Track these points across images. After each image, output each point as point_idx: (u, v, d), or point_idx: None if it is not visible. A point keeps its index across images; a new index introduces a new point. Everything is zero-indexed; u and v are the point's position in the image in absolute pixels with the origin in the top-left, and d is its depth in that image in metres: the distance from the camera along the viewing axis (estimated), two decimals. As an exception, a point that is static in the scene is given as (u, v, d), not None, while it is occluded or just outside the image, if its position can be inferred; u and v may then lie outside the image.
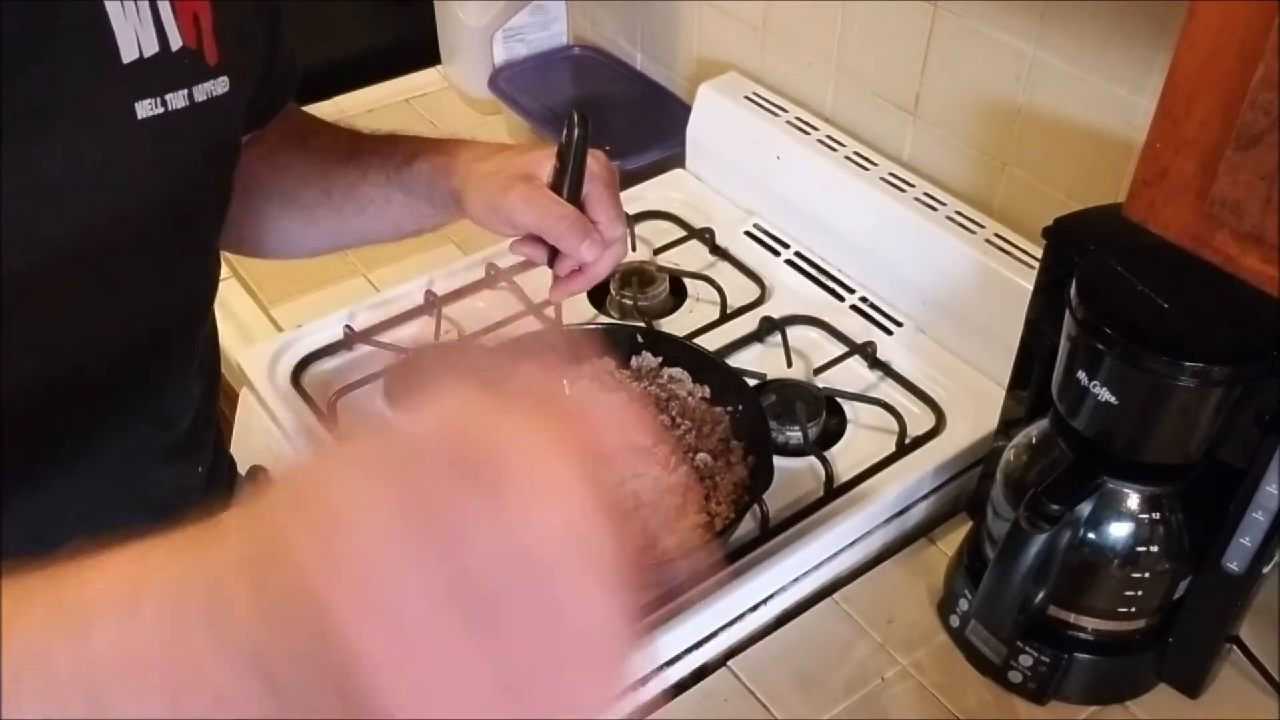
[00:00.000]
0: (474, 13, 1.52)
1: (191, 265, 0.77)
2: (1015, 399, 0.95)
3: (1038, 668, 0.89)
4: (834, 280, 1.23)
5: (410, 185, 0.88)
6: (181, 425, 0.80)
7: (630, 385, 1.03)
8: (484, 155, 0.86)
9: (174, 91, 0.65)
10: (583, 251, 0.83)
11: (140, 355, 0.73)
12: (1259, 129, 0.55)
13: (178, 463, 0.81)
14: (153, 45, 0.63)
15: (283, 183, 0.84)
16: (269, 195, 0.88)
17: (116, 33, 0.61)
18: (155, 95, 0.64)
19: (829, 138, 1.25)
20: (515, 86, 1.51)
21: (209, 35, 0.67)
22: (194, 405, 0.81)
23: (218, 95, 0.68)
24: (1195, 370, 0.74)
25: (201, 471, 0.84)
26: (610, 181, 0.85)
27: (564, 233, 0.82)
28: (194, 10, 0.65)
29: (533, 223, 0.82)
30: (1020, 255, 1.07)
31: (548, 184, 0.83)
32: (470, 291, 1.22)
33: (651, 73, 1.54)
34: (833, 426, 1.08)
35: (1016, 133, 1.10)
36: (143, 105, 0.63)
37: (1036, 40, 1.04)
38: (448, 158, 0.86)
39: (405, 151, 0.88)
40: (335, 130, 0.93)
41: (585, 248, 0.82)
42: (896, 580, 1.00)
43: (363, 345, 1.15)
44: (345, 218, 0.91)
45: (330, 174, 0.89)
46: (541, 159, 0.84)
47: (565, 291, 0.88)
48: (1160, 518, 0.83)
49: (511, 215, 0.82)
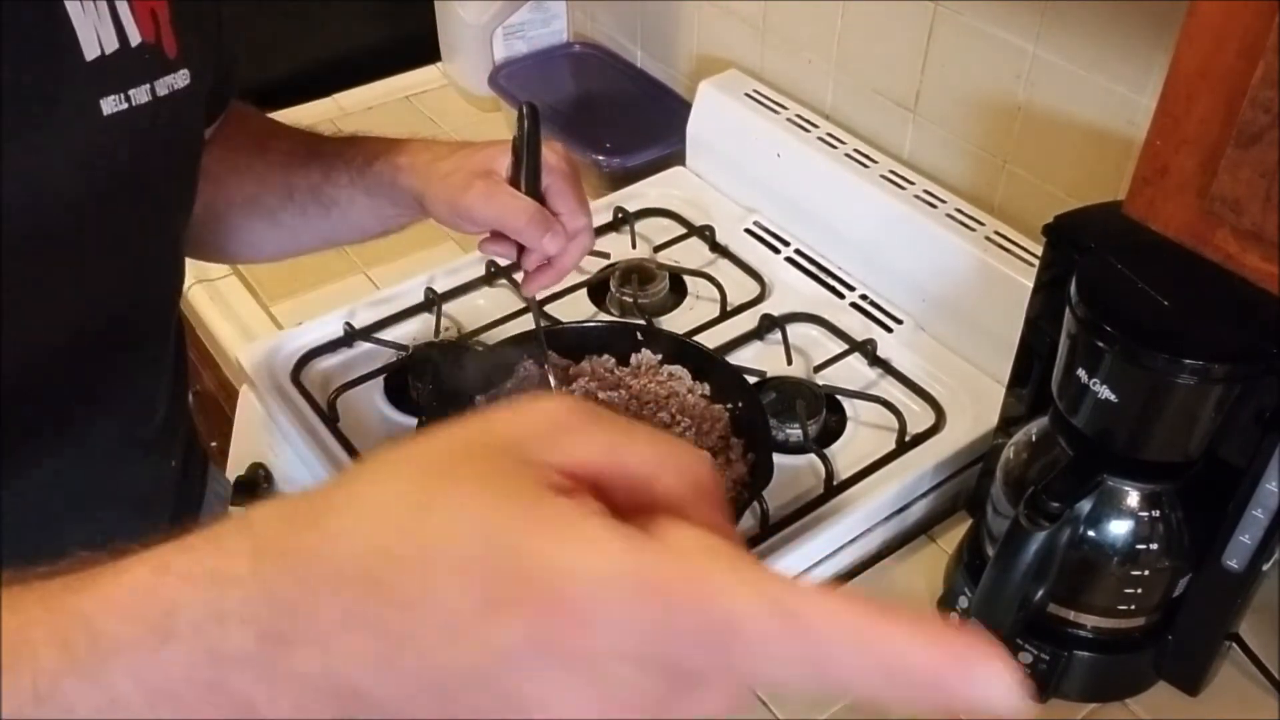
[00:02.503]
0: (474, 10, 1.52)
1: (160, 258, 0.77)
2: (1015, 396, 0.95)
3: (1037, 665, 0.89)
4: (834, 278, 1.23)
5: (373, 186, 0.88)
6: (154, 420, 0.80)
7: (629, 383, 1.03)
8: (443, 155, 0.86)
9: (136, 87, 0.65)
10: (545, 244, 0.82)
11: (113, 350, 0.73)
12: (1259, 126, 0.55)
13: (152, 457, 0.82)
14: (113, 42, 0.63)
15: (244, 186, 0.84)
16: (230, 199, 0.88)
17: (78, 31, 0.61)
18: (119, 91, 0.64)
19: (829, 135, 1.25)
20: (515, 84, 1.51)
21: (167, 29, 0.67)
22: (166, 399, 0.81)
23: (179, 89, 0.68)
24: (1195, 368, 0.74)
25: (175, 466, 0.85)
26: (569, 172, 0.85)
27: (525, 227, 0.82)
28: (151, 6, 0.66)
29: (493, 218, 0.82)
30: (1020, 253, 1.07)
31: (506, 179, 0.83)
32: (471, 289, 1.22)
33: (651, 70, 1.53)
34: (833, 424, 1.08)
35: (1017, 130, 1.10)
36: (107, 102, 0.63)
37: (1037, 38, 1.04)
38: (408, 158, 0.86)
39: (366, 153, 0.88)
40: (295, 133, 0.93)
41: (548, 240, 0.82)
42: (896, 578, 1.00)
43: (363, 343, 1.15)
44: (308, 219, 0.91)
45: (292, 176, 0.89)
46: (498, 154, 0.83)
47: (536, 286, 0.88)
48: (1160, 515, 0.83)
49: (472, 212, 0.82)
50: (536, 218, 0.82)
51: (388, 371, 1.12)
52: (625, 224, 1.31)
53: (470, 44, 1.55)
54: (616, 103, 1.50)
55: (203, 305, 1.26)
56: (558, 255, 0.84)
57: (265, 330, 1.22)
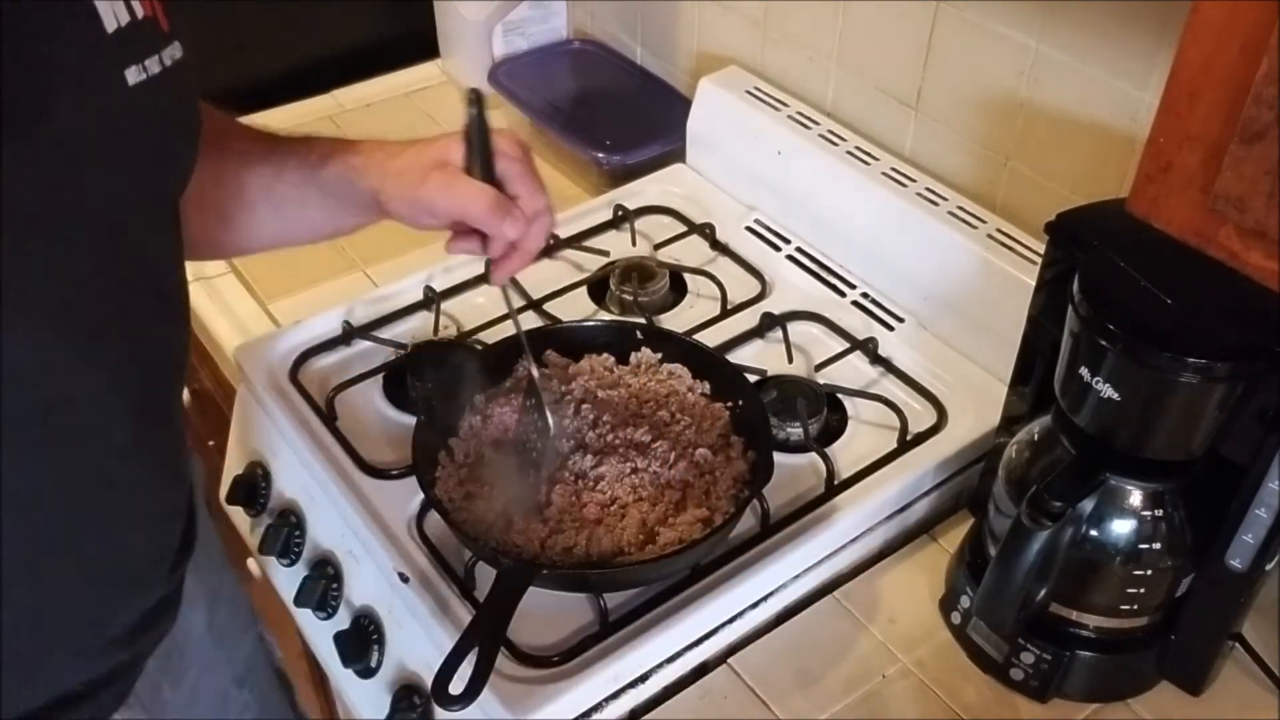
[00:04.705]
0: (474, 6, 1.52)
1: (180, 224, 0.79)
2: (1017, 395, 0.95)
3: (1039, 665, 0.89)
4: (835, 276, 1.23)
5: (328, 186, 0.88)
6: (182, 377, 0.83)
7: (629, 381, 1.02)
8: (396, 152, 0.86)
9: (150, 58, 0.67)
10: (505, 229, 0.82)
11: (152, 313, 0.75)
12: (1263, 124, 0.54)
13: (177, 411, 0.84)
14: (125, 15, 0.65)
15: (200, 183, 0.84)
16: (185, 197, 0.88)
17: (97, 4, 0.63)
18: (138, 62, 0.66)
19: (830, 132, 1.25)
20: (515, 81, 1.50)
21: (158, 4, 0.69)
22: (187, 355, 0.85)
23: (179, 59, 0.70)
24: (1198, 366, 0.73)
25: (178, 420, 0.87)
26: (521, 155, 0.85)
27: (483, 213, 0.82)
28: None
29: (453, 208, 0.83)
30: (1022, 251, 1.07)
31: (462, 169, 0.83)
32: (469, 287, 1.21)
33: (652, 67, 1.53)
34: (834, 423, 1.08)
35: (1019, 128, 1.09)
36: (130, 72, 0.65)
37: (1039, 35, 1.03)
38: (362, 158, 0.87)
39: (320, 153, 0.88)
40: (250, 131, 0.93)
41: (508, 225, 0.82)
42: (897, 577, 1.00)
43: (361, 341, 1.15)
44: (258, 218, 0.91)
45: (245, 174, 0.90)
46: (451, 145, 0.83)
47: (504, 273, 0.87)
48: (1162, 514, 0.83)
49: (432, 204, 0.83)
50: (494, 203, 0.82)
51: (386, 370, 1.11)
52: (625, 221, 1.31)
53: (470, 40, 1.55)
54: (616, 99, 1.49)
55: (200, 303, 1.26)
56: (521, 239, 0.84)
57: (263, 328, 1.21)
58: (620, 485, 0.94)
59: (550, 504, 0.92)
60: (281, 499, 1.09)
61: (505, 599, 0.83)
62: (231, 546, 1.09)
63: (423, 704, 0.92)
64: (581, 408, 1.00)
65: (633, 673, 0.89)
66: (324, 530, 1.04)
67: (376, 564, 0.97)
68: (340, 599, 1.02)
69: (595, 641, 0.88)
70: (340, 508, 1.00)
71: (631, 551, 0.89)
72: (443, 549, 0.94)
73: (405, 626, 0.95)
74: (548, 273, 1.24)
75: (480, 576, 0.92)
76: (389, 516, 0.97)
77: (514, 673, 0.86)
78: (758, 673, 0.92)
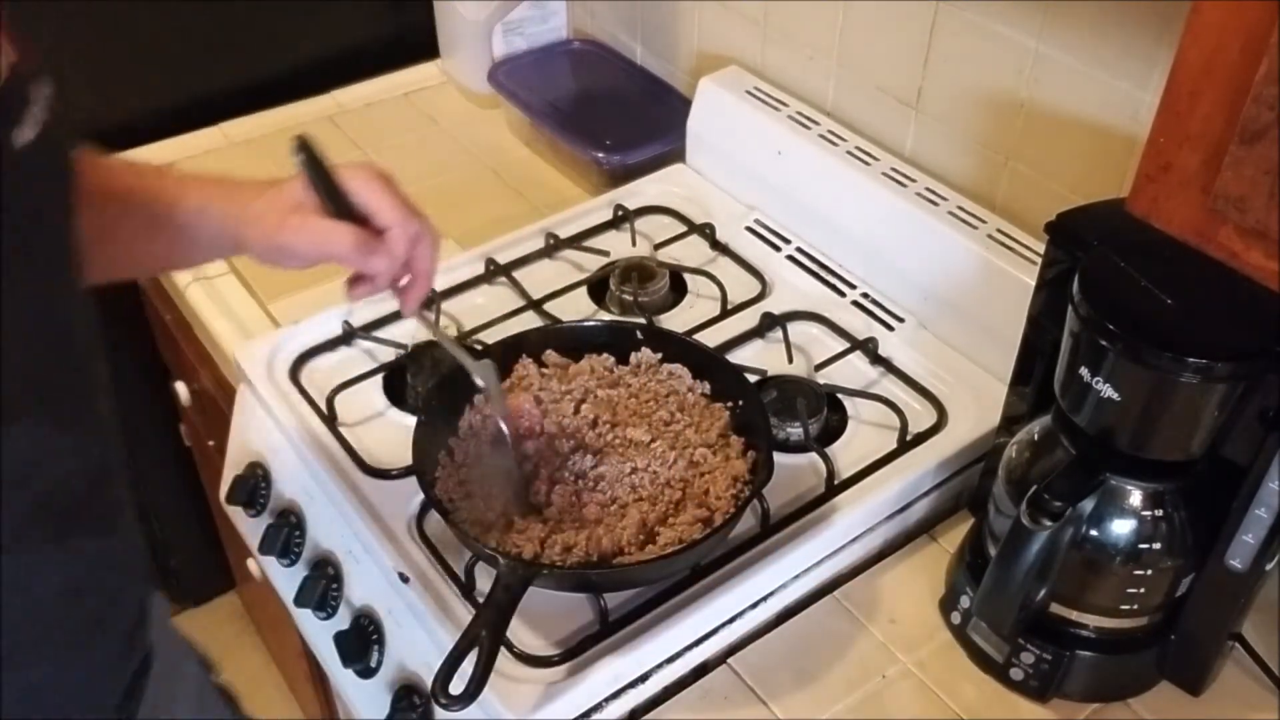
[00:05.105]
0: (473, 6, 1.52)
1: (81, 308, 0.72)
2: (1017, 395, 0.95)
3: (1039, 665, 0.89)
4: (835, 276, 1.22)
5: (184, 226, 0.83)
6: None
7: (629, 381, 1.02)
8: (252, 196, 0.83)
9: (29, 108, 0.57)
10: (374, 263, 0.80)
11: None
12: (1263, 124, 0.54)
13: None
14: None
15: None
16: None
17: None
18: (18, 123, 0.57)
19: (830, 132, 1.25)
20: (515, 80, 1.50)
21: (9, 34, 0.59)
22: None
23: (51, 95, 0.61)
24: (1198, 366, 0.73)
25: None
26: (377, 184, 0.81)
27: (346, 251, 0.79)
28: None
29: (312, 250, 0.80)
30: (1023, 251, 1.07)
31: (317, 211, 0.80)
32: (469, 287, 1.22)
33: (652, 67, 1.53)
34: (834, 423, 1.08)
35: (1019, 128, 1.09)
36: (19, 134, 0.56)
37: (1040, 35, 1.03)
38: (220, 205, 0.83)
39: (174, 192, 0.84)
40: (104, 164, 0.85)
41: (376, 259, 0.80)
42: (898, 577, 1.00)
43: (361, 341, 1.15)
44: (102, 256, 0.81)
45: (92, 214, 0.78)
46: (305, 188, 0.80)
47: (411, 302, 0.85)
48: (1163, 515, 0.83)
49: (292, 248, 0.80)
50: (356, 239, 0.79)
51: (386, 370, 1.11)
52: (625, 222, 1.31)
53: (469, 41, 1.55)
54: (616, 99, 1.49)
55: (200, 303, 1.26)
56: (413, 263, 0.82)
57: (263, 328, 1.21)
58: (620, 485, 0.94)
59: (550, 504, 0.92)
60: (281, 499, 1.09)
61: (505, 599, 0.82)
62: (232, 546, 1.09)
63: (423, 704, 0.92)
64: (581, 408, 1.00)
65: (633, 673, 0.89)
66: (324, 530, 1.04)
67: (376, 564, 0.97)
68: (340, 599, 1.02)
69: (595, 641, 0.88)
70: (340, 508, 1.00)
71: (631, 551, 0.89)
72: (443, 549, 0.94)
73: (405, 626, 0.95)
74: (548, 273, 1.24)
75: (480, 576, 0.91)
76: (389, 516, 0.97)
77: (514, 673, 0.86)
78: (758, 673, 0.92)
